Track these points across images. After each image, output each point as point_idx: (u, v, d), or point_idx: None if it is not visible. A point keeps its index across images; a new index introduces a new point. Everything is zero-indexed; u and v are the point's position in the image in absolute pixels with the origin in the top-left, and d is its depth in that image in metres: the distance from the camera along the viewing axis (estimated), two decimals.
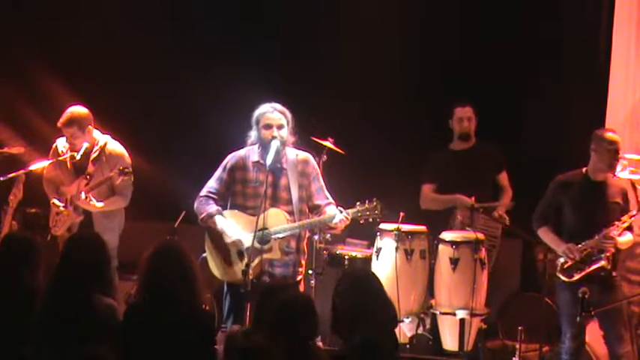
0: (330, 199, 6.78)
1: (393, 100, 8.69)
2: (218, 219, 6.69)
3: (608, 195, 6.77)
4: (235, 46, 8.80)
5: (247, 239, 6.54)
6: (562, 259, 6.72)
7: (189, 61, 8.82)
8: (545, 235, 6.90)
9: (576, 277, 6.65)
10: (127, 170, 7.12)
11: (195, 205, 6.79)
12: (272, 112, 6.69)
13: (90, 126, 7.30)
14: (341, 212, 6.58)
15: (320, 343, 5.60)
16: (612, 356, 6.80)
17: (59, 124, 7.29)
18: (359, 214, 6.62)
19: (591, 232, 6.69)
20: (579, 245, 6.67)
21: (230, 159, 6.81)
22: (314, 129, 7.69)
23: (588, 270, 6.64)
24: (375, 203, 6.61)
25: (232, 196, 6.78)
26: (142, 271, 5.10)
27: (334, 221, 6.61)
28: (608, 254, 6.64)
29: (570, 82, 8.55)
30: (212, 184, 6.80)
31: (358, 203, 6.63)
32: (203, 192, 6.79)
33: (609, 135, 6.80)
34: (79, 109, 7.29)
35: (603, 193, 6.76)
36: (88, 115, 7.29)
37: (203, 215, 6.74)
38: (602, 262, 6.62)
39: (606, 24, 8.21)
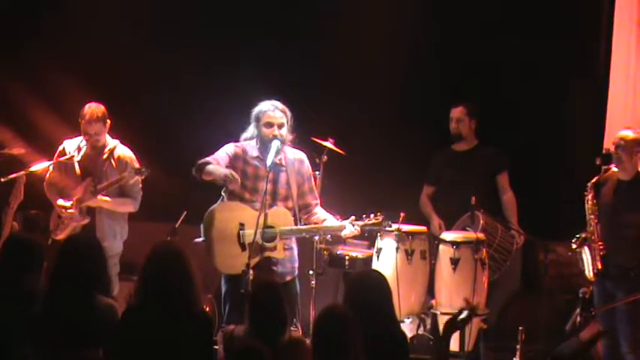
0: (318, 199, 6.90)
1: (393, 100, 8.69)
2: (211, 166, 6.62)
3: None
4: (236, 45, 8.80)
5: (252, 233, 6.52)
6: None
7: (190, 60, 8.82)
8: None
9: None
10: (143, 170, 7.02)
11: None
12: (273, 111, 6.70)
13: (109, 121, 7.18)
14: (352, 225, 6.69)
15: None
16: None
17: (85, 122, 7.08)
18: (366, 227, 6.78)
19: None
20: None
21: (230, 146, 6.79)
22: (314, 128, 7.70)
23: None
24: (381, 218, 6.75)
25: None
26: (140, 272, 5.10)
27: (344, 233, 6.76)
28: None
29: (570, 83, 8.55)
30: (218, 154, 6.74)
31: (364, 215, 6.74)
32: (209, 158, 6.73)
33: None
34: (99, 106, 7.14)
35: None
36: (106, 110, 7.16)
37: (200, 162, 6.66)
38: None
39: (606, 25, 8.22)
